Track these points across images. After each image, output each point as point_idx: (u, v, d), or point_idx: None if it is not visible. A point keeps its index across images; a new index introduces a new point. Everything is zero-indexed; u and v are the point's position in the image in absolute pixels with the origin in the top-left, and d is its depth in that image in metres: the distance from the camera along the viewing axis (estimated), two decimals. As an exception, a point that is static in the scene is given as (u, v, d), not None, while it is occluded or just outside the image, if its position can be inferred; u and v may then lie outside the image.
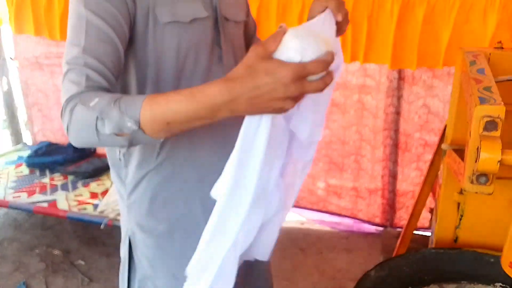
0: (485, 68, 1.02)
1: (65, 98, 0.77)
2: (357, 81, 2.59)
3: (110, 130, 0.72)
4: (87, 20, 0.80)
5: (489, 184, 0.76)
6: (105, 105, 0.73)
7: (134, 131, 0.71)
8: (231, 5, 1.02)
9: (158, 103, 0.70)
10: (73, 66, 0.79)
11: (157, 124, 0.71)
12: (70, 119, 0.75)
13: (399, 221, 2.78)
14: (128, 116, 0.71)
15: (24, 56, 3.33)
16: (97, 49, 0.80)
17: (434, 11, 2.15)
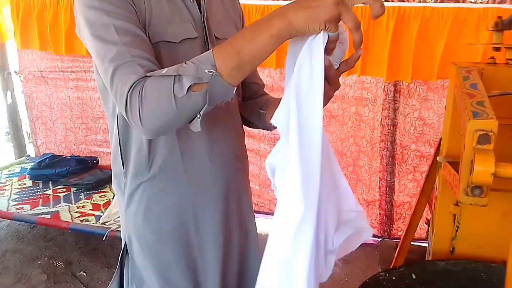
0: (478, 83, 1.06)
1: (127, 88, 0.78)
2: (355, 93, 2.65)
3: (189, 82, 0.74)
4: (114, 25, 0.82)
5: (483, 196, 0.78)
6: (176, 68, 0.76)
7: (213, 76, 0.74)
8: (221, 23, 1.05)
9: (226, 42, 0.77)
10: (120, 61, 0.80)
11: (230, 58, 0.74)
12: (142, 101, 0.76)
13: (396, 231, 2.81)
14: (203, 64, 0.74)
15: (29, 70, 3.39)
16: (135, 43, 0.82)
17: (428, 26, 2.22)
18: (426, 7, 2.20)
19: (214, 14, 1.03)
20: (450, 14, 2.16)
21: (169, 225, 1.03)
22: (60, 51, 2.93)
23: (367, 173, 2.77)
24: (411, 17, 2.24)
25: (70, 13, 2.82)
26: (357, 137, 2.72)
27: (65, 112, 3.39)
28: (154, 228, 1.03)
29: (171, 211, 1.03)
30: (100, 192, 2.90)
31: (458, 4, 2.15)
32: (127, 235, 1.07)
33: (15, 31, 3.10)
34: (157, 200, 1.02)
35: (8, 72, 3.48)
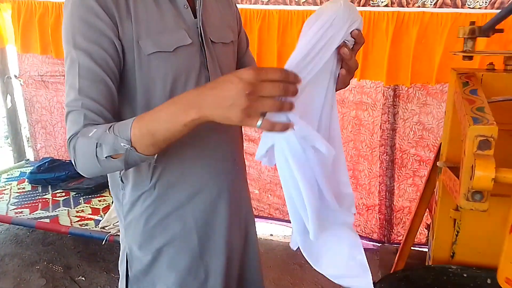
0: (477, 89, 1.07)
1: (68, 136, 0.87)
2: (354, 98, 2.66)
3: (107, 152, 0.81)
4: (79, 63, 0.87)
5: (484, 201, 0.79)
6: (101, 132, 0.82)
7: (127, 149, 0.80)
8: (217, 27, 1.05)
9: (144, 118, 0.81)
10: (72, 108, 0.87)
11: (144, 138, 0.80)
12: (75, 153, 0.86)
13: (396, 236, 2.81)
14: (121, 137, 0.80)
15: (29, 75, 3.39)
16: (91, 90, 0.87)
17: (427, 31, 2.23)
18: (425, 12, 2.22)
19: (210, 18, 1.03)
20: (448, 19, 2.18)
21: (170, 231, 1.03)
22: (61, 55, 2.93)
23: (366, 177, 2.77)
24: (410, 22, 2.25)
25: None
26: (357, 142, 2.73)
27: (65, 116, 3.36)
28: (155, 235, 1.03)
29: (171, 217, 1.03)
30: (99, 197, 2.90)
31: (456, 10, 2.16)
32: (127, 246, 1.07)
33: (16, 35, 3.11)
34: (157, 207, 1.02)
35: (8, 77, 3.49)
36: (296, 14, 2.42)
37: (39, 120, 3.51)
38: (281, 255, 2.82)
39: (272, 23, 2.46)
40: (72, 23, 0.88)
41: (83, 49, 0.87)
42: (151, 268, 1.05)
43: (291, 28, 2.45)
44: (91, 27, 0.87)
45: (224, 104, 0.69)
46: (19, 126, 3.69)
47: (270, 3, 2.45)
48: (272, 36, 2.47)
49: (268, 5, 2.46)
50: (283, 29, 2.46)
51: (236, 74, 0.69)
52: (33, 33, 3.01)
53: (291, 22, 2.44)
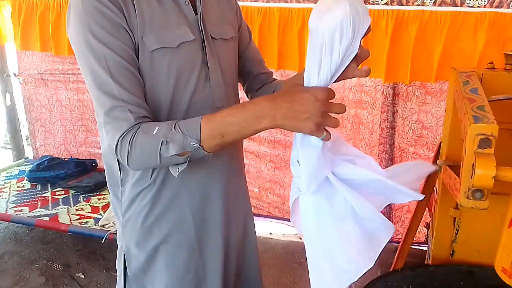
0: (478, 88, 1.07)
1: (119, 134, 0.87)
2: (354, 97, 2.66)
3: (174, 151, 0.84)
4: (105, 58, 0.86)
5: (484, 199, 0.79)
6: (167, 131, 0.85)
7: (196, 148, 0.84)
8: (217, 24, 1.06)
9: (214, 120, 0.84)
10: (114, 103, 0.87)
11: (214, 138, 0.84)
12: (132, 149, 0.87)
13: (396, 235, 2.81)
14: (190, 136, 0.84)
15: (28, 73, 3.38)
16: (126, 84, 0.88)
17: (426, 29, 2.24)
18: (425, 11, 2.22)
19: (210, 14, 1.04)
20: (448, 17, 2.18)
21: (167, 228, 1.04)
22: (62, 52, 2.93)
23: (366, 176, 2.77)
24: (409, 20, 2.26)
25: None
26: (356, 140, 2.73)
27: (65, 114, 3.38)
28: (153, 233, 1.04)
29: (169, 214, 1.03)
30: (99, 195, 2.90)
31: (455, 8, 2.16)
32: (125, 245, 1.07)
33: (15, 33, 3.10)
34: (155, 203, 1.02)
35: (7, 75, 3.48)
36: (297, 12, 2.42)
37: (39, 118, 3.50)
38: (280, 253, 2.82)
39: (273, 20, 2.47)
40: (86, 20, 0.87)
41: (105, 44, 0.87)
42: (149, 266, 1.06)
43: (291, 25, 2.45)
44: (108, 21, 0.87)
45: (300, 117, 0.78)
46: (18, 124, 3.69)
47: (271, 0, 2.45)
48: (273, 33, 2.48)
49: (268, 3, 2.46)
50: (284, 26, 2.47)
51: (311, 92, 0.78)
52: (33, 30, 3.01)
53: (291, 20, 2.44)
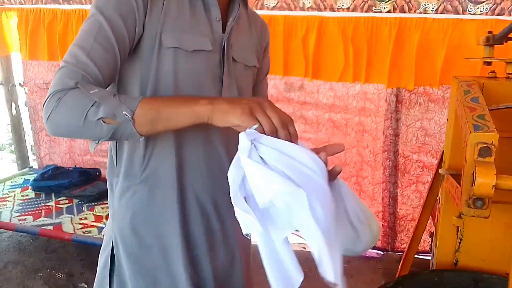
0: (479, 97, 1.07)
1: (58, 88, 0.83)
2: (358, 104, 2.67)
3: (103, 114, 0.80)
4: (99, 27, 0.88)
5: (485, 208, 0.78)
6: (105, 94, 0.82)
7: (126, 120, 0.81)
8: (243, 48, 1.06)
9: (155, 99, 0.86)
10: (74, 65, 0.85)
11: (148, 116, 0.82)
12: (58, 104, 0.82)
13: (400, 244, 2.80)
14: (125, 105, 0.81)
15: (34, 82, 3.42)
16: (99, 56, 0.87)
17: (429, 37, 2.25)
18: (427, 18, 2.23)
19: (238, 37, 1.05)
20: (450, 25, 2.19)
21: (153, 232, 1.02)
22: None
23: (370, 184, 2.76)
24: (412, 28, 2.27)
25: (82, 23, 2.84)
26: (360, 147, 2.73)
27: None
28: (139, 233, 1.02)
29: (157, 219, 1.02)
30: (102, 204, 2.90)
31: (457, 16, 2.17)
32: (113, 236, 1.06)
33: (22, 42, 3.13)
34: (144, 205, 1.01)
35: (13, 84, 3.51)
36: (301, 20, 2.44)
37: (43, 128, 3.53)
38: (284, 262, 2.79)
39: (278, 28, 2.48)
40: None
41: (108, 17, 0.88)
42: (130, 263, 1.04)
43: (295, 32, 2.47)
44: (124, 7, 0.89)
45: (234, 103, 0.79)
46: (23, 133, 3.71)
47: (276, 8, 2.47)
48: (278, 41, 2.50)
49: (273, 11, 2.48)
50: (288, 34, 2.49)
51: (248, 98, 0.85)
52: (40, 40, 3.04)
53: (295, 27, 2.46)
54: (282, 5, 2.45)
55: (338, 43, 2.41)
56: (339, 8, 2.35)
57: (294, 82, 2.77)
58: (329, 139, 2.76)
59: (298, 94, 2.77)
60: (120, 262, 1.06)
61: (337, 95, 2.69)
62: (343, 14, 2.36)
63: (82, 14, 2.84)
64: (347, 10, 2.34)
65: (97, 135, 0.83)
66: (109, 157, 1.06)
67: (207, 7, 0.99)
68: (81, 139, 0.95)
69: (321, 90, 2.72)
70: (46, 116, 0.83)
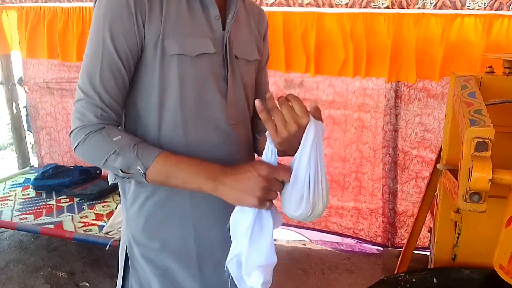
0: (476, 92, 1.07)
1: (84, 123, 0.91)
2: (357, 100, 2.67)
3: (119, 165, 0.89)
4: (103, 53, 0.90)
5: (482, 202, 0.79)
6: (125, 144, 0.89)
7: (139, 173, 0.88)
8: (243, 43, 1.06)
9: (170, 160, 0.89)
10: (89, 97, 0.91)
11: (159, 175, 0.89)
12: (84, 141, 0.90)
13: (400, 240, 2.80)
14: (141, 161, 0.88)
15: (34, 81, 3.42)
16: (110, 84, 0.91)
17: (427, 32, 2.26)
18: (425, 14, 2.23)
19: (239, 33, 1.05)
20: (448, 20, 2.19)
21: (168, 234, 1.04)
22: (69, 59, 2.97)
23: (370, 179, 2.77)
24: (410, 23, 2.27)
25: (82, 21, 2.85)
26: (360, 143, 2.73)
27: (70, 122, 3.39)
28: (154, 235, 1.04)
29: (171, 221, 1.03)
30: (103, 202, 2.91)
31: (456, 11, 2.17)
32: (127, 240, 1.07)
33: (21, 41, 3.14)
34: (159, 209, 1.02)
35: (13, 84, 3.52)
36: (299, 16, 2.45)
37: (44, 127, 3.53)
38: (284, 260, 2.81)
39: (277, 24, 2.49)
40: (105, 14, 0.90)
41: (110, 41, 0.90)
42: (146, 265, 1.05)
43: (295, 28, 2.47)
44: (122, 22, 0.90)
45: (241, 188, 0.85)
46: (23, 132, 3.72)
47: (274, 5, 2.47)
48: (278, 37, 2.50)
49: (272, 7, 2.48)
50: (288, 30, 2.49)
51: (255, 167, 0.84)
52: (40, 38, 3.04)
53: (295, 24, 2.46)
54: (281, 1, 2.45)
55: (337, 39, 2.41)
56: (337, 4, 2.35)
57: (294, 79, 2.77)
58: (329, 135, 2.76)
59: (298, 91, 2.78)
60: (136, 265, 1.07)
61: (336, 91, 2.69)
62: (341, 10, 2.36)
63: (82, 12, 2.84)
64: (345, 6, 2.34)
65: (114, 173, 0.94)
66: None
67: (205, 6, 0.98)
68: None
69: (321, 86, 2.72)
70: (74, 146, 0.93)
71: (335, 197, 2.87)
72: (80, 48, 2.89)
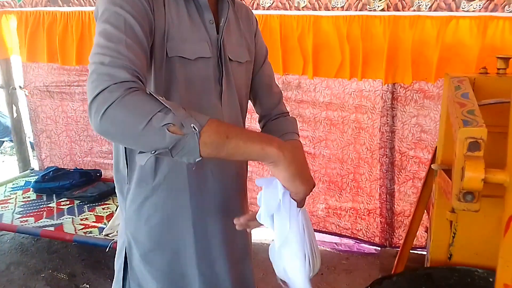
0: (469, 92, 1.09)
1: (114, 81, 0.74)
2: (354, 102, 2.69)
3: (171, 120, 0.72)
4: (125, 20, 0.83)
5: (475, 202, 0.80)
6: (173, 104, 0.75)
7: (193, 133, 0.73)
8: (235, 46, 1.09)
9: (223, 124, 0.81)
10: (116, 58, 0.77)
11: (218, 135, 0.75)
12: (124, 97, 0.72)
13: (398, 240, 2.82)
14: (196, 119, 0.74)
15: (34, 85, 3.44)
16: (135, 51, 0.81)
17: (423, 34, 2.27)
18: (421, 16, 2.24)
19: (231, 36, 1.07)
20: (443, 22, 2.20)
21: (168, 234, 1.05)
22: (68, 63, 2.99)
23: (367, 180, 2.79)
24: (406, 26, 2.28)
25: (81, 25, 2.87)
26: (357, 144, 2.75)
27: (70, 125, 3.43)
28: (153, 236, 1.05)
29: (171, 221, 1.05)
30: (103, 204, 2.93)
31: (451, 13, 2.18)
32: (126, 240, 1.08)
33: (21, 45, 3.15)
34: (158, 209, 1.03)
35: (13, 88, 3.54)
36: (296, 19, 2.47)
37: (44, 130, 3.55)
38: (284, 259, 2.82)
39: (274, 27, 2.51)
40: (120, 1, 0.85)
41: (132, 17, 0.84)
42: (145, 266, 1.07)
43: (291, 32, 2.50)
44: (139, 5, 0.86)
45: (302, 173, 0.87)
46: (24, 136, 3.74)
47: (271, 8, 2.49)
48: (275, 40, 2.52)
49: (269, 10, 2.50)
50: (285, 33, 2.51)
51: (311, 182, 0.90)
52: (40, 42, 3.06)
53: (291, 27, 2.48)
54: (278, 4, 2.47)
55: (334, 42, 2.43)
56: (333, 7, 2.37)
57: (291, 81, 2.79)
58: (326, 136, 2.79)
59: (295, 93, 2.80)
60: (134, 266, 1.08)
61: (333, 93, 2.71)
62: (337, 13, 2.38)
63: (81, 16, 2.86)
64: (341, 9, 2.36)
65: (155, 143, 0.73)
66: (116, 162, 1.07)
67: (200, 11, 1.00)
68: (130, 146, 0.92)
69: (318, 88, 2.74)
70: (102, 110, 0.72)
71: (333, 198, 2.88)
72: (79, 52, 2.91)
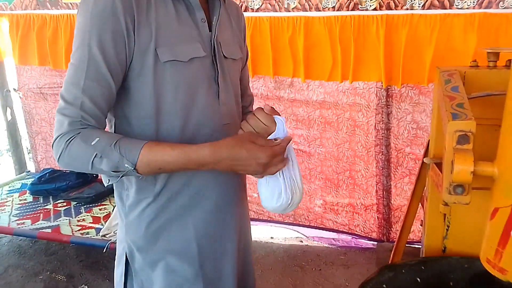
0: (459, 86, 1.10)
1: (61, 131, 0.89)
2: (348, 99, 2.69)
3: (107, 168, 0.87)
4: (89, 62, 0.88)
5: (465, 194, 0.81)
6: (105, 146, 0.86)
7: (130, 170, 0.87)
8: (229, 43, 1.09)
9: (155, 153, 0.88)
10: (70, 104, 0.89)
11: (150, 168, 0.89)
12: (67, 151, 0.88)
13: (395, 234, 2.83)
14: (126, 159, 0.86)
15: (28, 87, 3.44)
16: (94, 91, 0.89)
17: (417, 33, 2.27)
18: (414, 14, 2.25)
19: (223, 34, 1.08)
20: (437, 20, 2.21)
21: (170, 238, 1.06)
22: (60, 66, 2.99)
23: (363, 177, 2.80)
24: (399, 24, 2.29)
25: (70, 29, 2.87)
26: (353, 142, 2.76)
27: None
28: (156, 239, 1.05)
29: (173, 224, 1.05)
30: (100, 205, 2.93)
31: (444, 11, 2.19)
32: (127, 246, 1.08)
33: (14, 48, 3.15)
34: (160, 214, 1.04)
35: (7, 90, 3.53)
36: (287, 20, 2.47)
37: (39, 132, 3.55)
38: (281, 257, 2.84)
39: (264, 29, 2.51)
40: (92, 22, 0.88)
41: (97, 49, 0.88)
42: (150, 270, 1.07)
43: (282, 33, 2.50)
44: (110, 29, 0.87)
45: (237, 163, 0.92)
46: (19, 138, 3.73)
47: (260, 10, 2.49)
48: (265, 41, 2.52)
49: (258, 12, 2.51)
50: (275, 34, 2.52)
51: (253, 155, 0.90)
52: (31, 45, 3.07)
53: (281, 28, 2.49)
54: (267, 6, 2.48)
55: (325, 43, 2.43)
56: (324, 7, 2.37)
57: (284, 80, 2.79)
58: (321, 135, 2.79)
59: (288, 91, 2.80)
60: (138, 271, 1.08)
61: (327, 91, 2.71)
62: (329, 13, 2.38)
63: (70, 18, 2.86)
64: (332, 9, 2.36)
65: (107, 177, 0.94)
66: None
67: (190, 10, 1.00)
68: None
69: (311, 87, 2.74)
70: (57, 156, 0.89)
71: (330, 194, 2.90)
72: (69, 55, 2.90)
